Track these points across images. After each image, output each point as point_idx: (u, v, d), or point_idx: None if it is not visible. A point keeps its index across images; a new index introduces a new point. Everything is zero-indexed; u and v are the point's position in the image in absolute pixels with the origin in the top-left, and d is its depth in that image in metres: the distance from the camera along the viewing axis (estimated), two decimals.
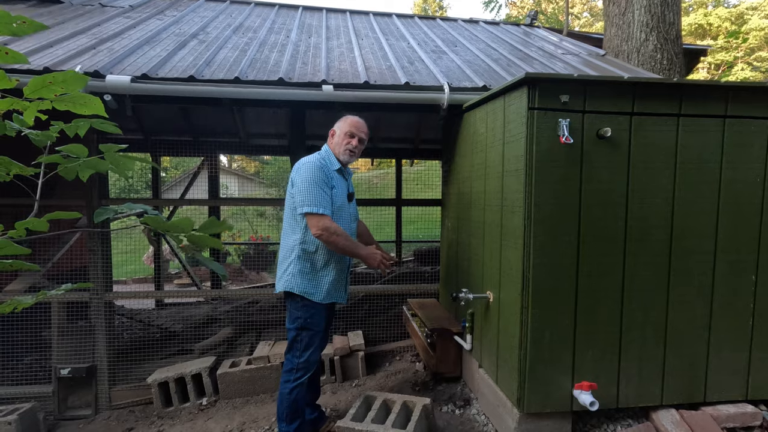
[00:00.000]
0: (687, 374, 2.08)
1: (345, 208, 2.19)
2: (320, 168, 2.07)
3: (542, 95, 1.86)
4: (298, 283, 2.09)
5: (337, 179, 2.17)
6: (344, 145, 2.19)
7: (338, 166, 2.19)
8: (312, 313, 2.12)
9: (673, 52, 4.58)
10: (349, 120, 2.24)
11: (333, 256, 2.14)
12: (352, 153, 2.21)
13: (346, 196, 2.22)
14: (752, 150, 2.03)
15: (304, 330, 2.12)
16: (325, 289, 2.13)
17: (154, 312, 5.29)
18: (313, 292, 2.11)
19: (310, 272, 2.11)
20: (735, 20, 24.15)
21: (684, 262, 2.02)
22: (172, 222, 1.45)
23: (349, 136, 2.20)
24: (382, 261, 2.09)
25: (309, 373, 2.15)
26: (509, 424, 2.06)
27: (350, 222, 2.23)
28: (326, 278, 2.13)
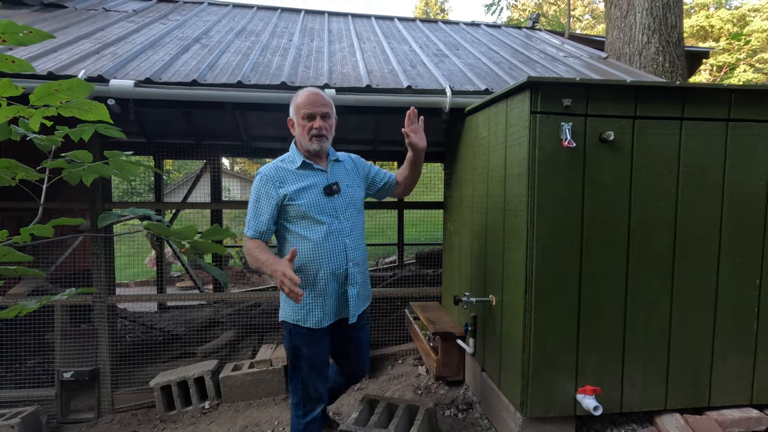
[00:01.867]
0: (691, 378, 2.07)
1: (322, 206, 1.79)
2: (264, 178, 1.77)
3: (544, 99, 1.86)
4: (283, 307, 1.85)
5: (303, 177, 1.80)
6: (306, 132, 1.78)
7: (301, 161, 1.81)
8: (301, 342, 1.81)
9: (675, 54, 4.58)
10: (300, 99, 1.81)
11: (312, 270, 1.79)
12: (320, 138, 1.78)
13: (322, 191, 1.80)
14: (755, 153, 2.02)
15: (296, 359, 1.84)
16: (309, 309, 1.79)
17: (156, 315, 5.30)
18: (296, 316, 1.81)
19: None
20: (737, 22, 24.11)
21: (687, 266, 2.02)
22: (176, 229, 1.46)
23: (306, 118, 1.78)
24: (281, 283, 1.53)
25: (319, 406, 1.88)
26: (512, 428, 2.06)
27: (337, 220, 1.82)
28: (309, 296, 1.80)
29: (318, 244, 1.77)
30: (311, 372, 1.83)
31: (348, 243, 1.84)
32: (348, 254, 1.84)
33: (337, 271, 1.82)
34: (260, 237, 1.76)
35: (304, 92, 1.83)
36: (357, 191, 1.95)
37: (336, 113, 2.01)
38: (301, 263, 1.77)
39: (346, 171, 1.94)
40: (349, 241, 1.84)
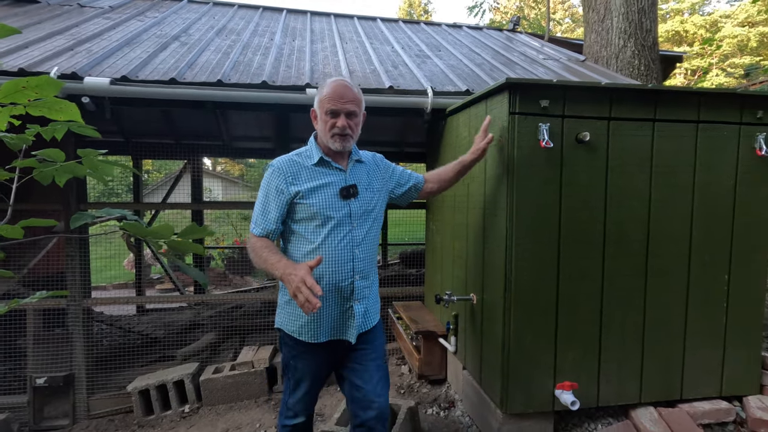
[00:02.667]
0: (664, 373, 2.13)
1: (335, 209, 1.60)
2: (275, 172, 1.60)
3: (523, 100, 1.90)
4: (279, 314, 1.71)
5: (319, 174, 1.62)
6: (328, 129, 1.60)
7: (318, 158, 1.63)
8: (295, 353, 1.67)
9: (650, 58, 4.71)
10: (326, 90, 1.61)
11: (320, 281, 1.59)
12: (343, 137, 1.59)
13: (338, 192, 1.62)
14: (724, 154, 2.10)
15: (288, 369, 1.72)
16: (305, 321, 1.61)
17: (135, 318, 5.18)
18: (291, 327, 1.65)
19: (289, 302, 1.65)
20: (710, 27, 24.97)
21: (660, 264, 2.08)
22: (152, 228, 1.43)
23: (330, 114, 1.59)
24: (297, 289, 1.32)
25: (299, 419, 1.73)
26: (493, 425, 2.08)
27: (349, 226, 1.63)
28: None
29: (324, 251, 1.58)
30: (299, 383, 1.68)
31: (357, 253, 1.64)
32: (355, 265, 1.63)
33: (342, 284, 1.61)
34: (268, 236, 1.60)
35: (331, 83, 1.62)
36: (376, 197, 1.73)
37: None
38: None
39: (367, 173, 1.73)
40: (359, 251, 1.64)
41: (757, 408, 2.13)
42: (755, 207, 2.13)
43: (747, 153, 2.10)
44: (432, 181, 1.96)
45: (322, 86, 1.65)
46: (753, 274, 2.17)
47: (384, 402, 1.68)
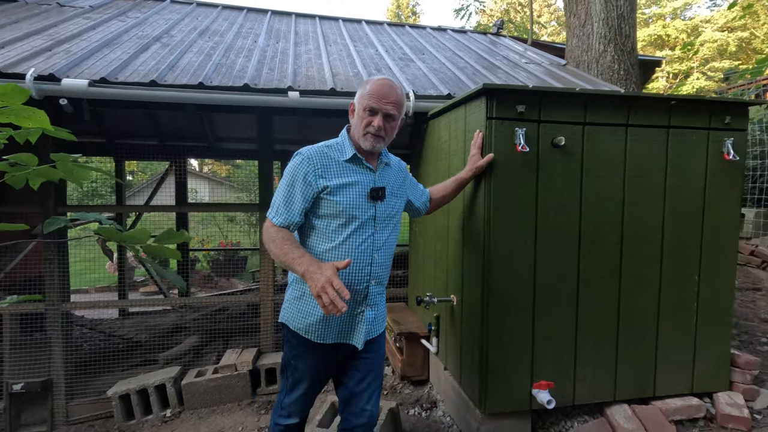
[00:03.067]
0: (638, 371, 2.19)
1: (362, 210, 1.55)
2: (305, 161, 1.52)
3: (500, 105, 1.94)
4: (286, 309, 1.66)
5: (350, 171, 1.56)
6: (363, 126, 1.55)
7: (351, 154, 1.56)
8: (297, 353, 1.63)
9: (629, 63, 4.81)
10: (369, 87, 1.55)
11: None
12: (376, 137, 1.55)
13: (367, 194, 1.57)
14: (694, 158, 2.17)
15: (287, 368, 1.67)
16: (315, 320, 1.57)
17: (117, 322, 5.11)
18: (298, 324, 1.60)
19: (299, 298, 1.61)
20: (691, 32, 25.57)
21: (634, 266, 2.13)
22: (128, 233, 1.43)
23: (368, 112, 1.54)
24: (323, 289, 1.26)
25: (293, 419, 1.69)
26: (472, 424, 2.12)
27: (372, 229, 1.58)
28: (317, 307, 1.54)
29: (346, 250, 1.54)
30: (297, 383, 1.64)
31: (376, 258, 1.60)
32: (373, 270, 1.59)
33: (357, 287, 1.57)
34: (288, 227, 1.51)
35: (376, 81, 1.57)
36: (398, 202, 1.72)
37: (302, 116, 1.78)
38: None
39: (394, 178, 1.71)
40: (378, 256, 1.60)
41: (726, 404, 2.20)
42: (723, 210, 2.21)
43: (715, 157, 2.17)
44: (434, 200, 1.99)
45: (365, 82, 1.60)
46: (722, 275, 2.24)
47: (375, 410, 1.70)
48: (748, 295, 3.55)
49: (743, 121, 2.21)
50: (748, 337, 2.92)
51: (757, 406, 2.26)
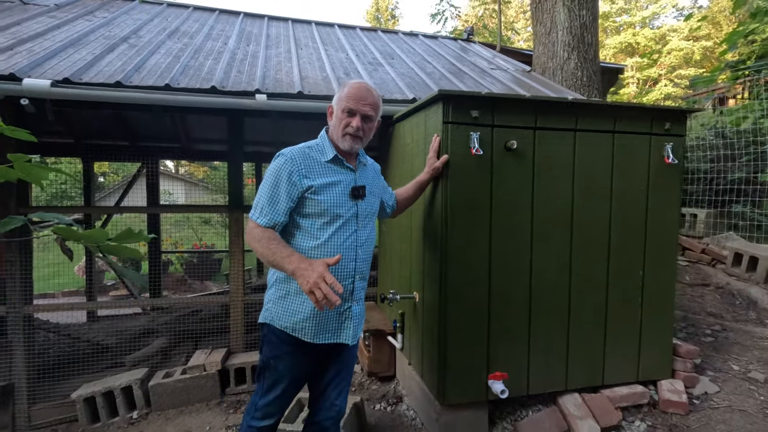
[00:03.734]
0: (588, 362, 2.32)
1: (345, 208, 1.62)
2: (289, 161, 1.55)
3: (455, 110, 2.04)
4: (270, 309, 1.65)
5: (331, 171, 1.62)
6: (341, 127, 1.61)
7: (332, 155, 1.62)
8: (278, 353, 1.62)
9: (592, 70, 5.04)
10: (347, 90, 1.63)
11: None
12: (354, 138, 1.61)
13: (349, 192, 1.63)
14: (637, 161, 2.32)
15: (266, 369, 1.65)
16: (303, 317, 1.58)
17: (84, 326, 5.00)
18: (285, 322, 1.60)
19: (285, 297, 1.62)
20: (659, 40, 26.66)
21: (582, 260, 2.27)
22: (85, 232, 1.47)
23: (347, 113, 1.60)
24: (316, 285, 1.29)
25: (267, 421, 1.67)
26: (432, 416, 2.21)
27: (355, 226, 1.65)
28: (304, 304, 1.58)
29: (332, 247, 1.58)
30: (275, 386, 1.63)
31: (360, 254, 1.66)
32: (357, 265, 1.65)
33: (343, 283, 1.61)
34: (273, 227, 1.55)
35: (353, 84, 1.65)
36: (376, 201, 1.80)
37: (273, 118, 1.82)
38: None
39: (371, 177, 1.78)
40: (361, 252, 1.66)
41: (668, 390, 2.35)
42: (664, 209, 2.37)
43: (657, 160, 2.33)
44: (399, 203, 2.09)
45: (343, 86, 1.67)
46: (664, 271, 2.40)
47: (344, 405, 1.77)
48: (698, 291, 3.77)
49: (682, 127, 2.38)
50: (695, 329, 3.11)
51: (696, 391, 2.42)
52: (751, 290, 3.59)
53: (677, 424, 2.20)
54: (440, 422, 2.14)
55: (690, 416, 2.25)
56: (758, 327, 3.06)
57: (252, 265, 7.05)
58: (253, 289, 5.24)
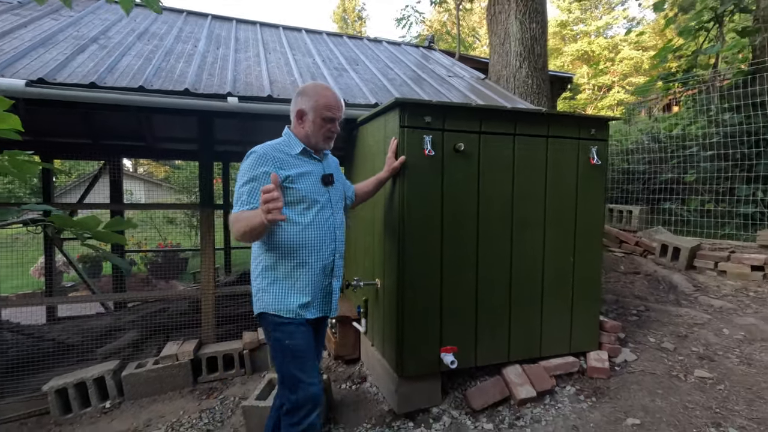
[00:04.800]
0: (527, 337, 2.66)
1: (320, 193, 1.81)
2: (263, 157, 1.70)
3: (410, 116, 2.31)
4: (262, 298, 1.77)
5: (302, 163, 1.80)
6: (323, 133, 1.83)
7: (301, 148, 1.81)
8: (291, 330, 1.73)
9: (541, 79, 5.48)
10: (322, 100, 1.81)
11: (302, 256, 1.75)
12: (331, 140, 1.88)
13: (320, 180, 1.83)
14: (568, 162, 2.68)
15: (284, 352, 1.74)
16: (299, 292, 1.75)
17: (45, 327, 4.93)
18: (279, 306, 1.74)
19: (273, 283, 1.75)
20: (612, 49, 28.34)
21: (522, 249, 2.60)
22: (79, 219, 1.65)
23: (328, 121, 1.82)
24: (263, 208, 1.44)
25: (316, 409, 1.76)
26: (392, 388, 2.47)
27: (331, 210, 1.85)
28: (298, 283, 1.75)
29: (314, 230, 1.77)
30: (303, 367, 1.73)
31: (338, 234, 1.87)
32: (337, 245, 1.86)
33: (326, 261, 1.81)
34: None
35: (325, 93, 1.84)
36: (341, 188, 2.02)
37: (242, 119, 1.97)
38: (292, 249, 1.74)
39: (333, 167, 2.00)
40: (339, 233, 1.88)
41: (594, 360, 2.73)
42: (591, 204, 2.74)
43: (584, 161, 2.71)
44: (358, 195, 2.29)
45: (314, 93, 1.83)
46: (591, 256, 2.78)
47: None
48: (629, 278, 4.25)
49: (605, 133, 2.76)
50: (624, 309, 3.55)
51: (618, 360, 2.82)
52: (673, 276, 4.10)
53: (600, 387, 2.57)
54: (399, 393, 2.41)
55: (611, 380, 2.63)
56: (675, 307, 3.53)
57: (220, 263, 7.10)
58: (226, 283, 5.33)
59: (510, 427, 2.31)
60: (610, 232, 5.14)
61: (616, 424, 2.22)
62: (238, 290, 3.76)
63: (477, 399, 2.46)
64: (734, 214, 4.89)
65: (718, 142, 5.09)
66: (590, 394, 2.52)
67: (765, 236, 4.01)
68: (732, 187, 5.01)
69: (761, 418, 2.16)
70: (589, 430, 2.20)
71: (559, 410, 2.40)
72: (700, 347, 2.88)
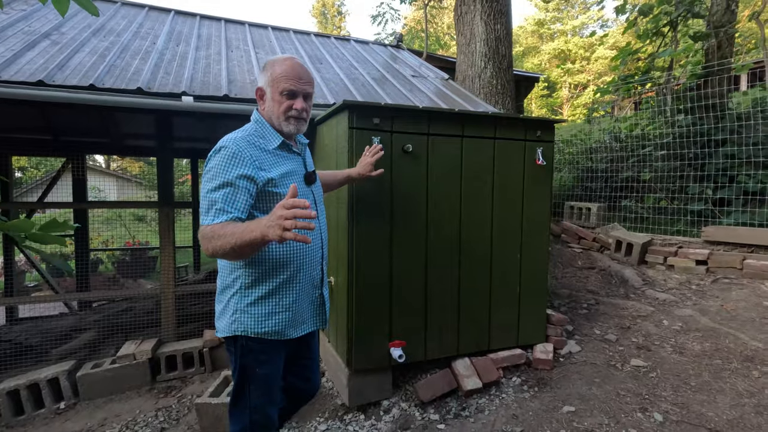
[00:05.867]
0: (476, 331, 2.76)
1: (305, 195, 1.56)
2: (238, 155, 1.38)
3: (359, 118, 2.37)
4: (240, 319, 1.48)
5: (282, 160, 1.51)
6: (282, 110, 1.48)
7: (280, 141, 1.51)
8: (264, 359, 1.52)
9: (505, 79, 5.61)
10: (280, 69, 1.49)
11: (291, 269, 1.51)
12: (299, 120, 1.52)
13: (303, 179, 1.57)
14: (514, 163, 2.79)
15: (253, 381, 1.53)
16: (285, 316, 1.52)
17: (4, 327, 4.82)
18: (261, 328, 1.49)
19: (256, 302, 1.48)
20: (587, 48, 29.01)
21: (470, 245, 2.70)
22: (11, 222, 1.66)
23: (287, 95, 1.48)
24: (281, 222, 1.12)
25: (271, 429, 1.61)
26: (344, 381, 2.54)
27: (317, 213, 1.56)
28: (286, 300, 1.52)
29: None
30: (267, 394, 1.54)
31: (324, 239, 1.64)
32: (323, 252, 1.65)
33: (313, 272, 1.59)
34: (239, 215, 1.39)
35: (286, 61, 1.51)
36: (320, 184, 1.75)
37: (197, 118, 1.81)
38: (278, 263, 1.48)
39: (311, 158, 1.71)
40: (324, 237, 1.65)
41: (540, 352, 2.86)
42: (536, 202, 2.86)
43: (530, 162, 2.82)
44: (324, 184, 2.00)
45: (272, 64, 1.52)
46: (538, 253, 2.90)
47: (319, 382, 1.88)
48: (585, 273, 4.43)
49: (551, 135, 2.88)
50: (575, 303, 3.70)
51: (563, 351, 2.96)
52: (625, 271, 4.28)
53: (543, 378, 2.70)
54: (350, 386, 2.48)
55: (554, 370, 2.76)
56: (623, 300, 3.71)
57: (188, 261, 7.03)
58: (190, 284, 5.30)
59: (455, 417, 2.41)
60: (570, 228, 5.32)
61: (553, 411, 2.34)
62: (199, 288, 3.76)
63: (426, 391, 2.55)
64: (686, 212, 5.13)
65: (672, 142, 5.32)
66: (533, 384, 2.65)
67: (709, 232, 4.23)
68: (684, 185, 5.25)
69: (684, 402, 2.31)
70: (528, 417, 2.32)
71: (502, 400, 2.51)
72: (639, 338, 3.04)
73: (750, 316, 3.15)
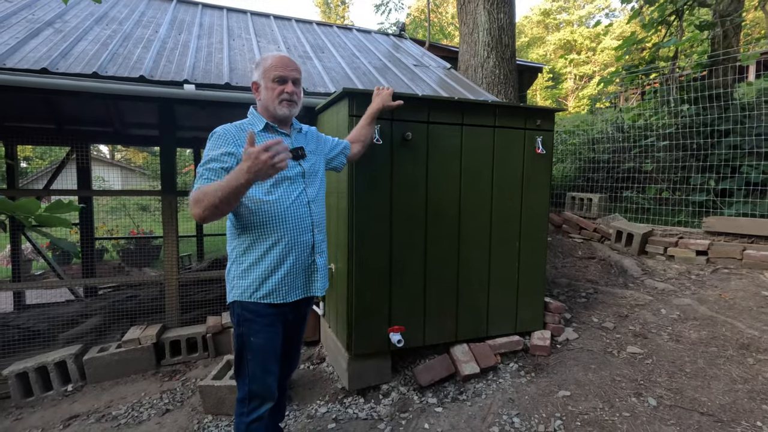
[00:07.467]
0: (474, 317, 2.80)
1: (291, 168, 1.70)
2: (224, 137, 1.60)
3: (359, 105, 2.39)
4: (237, 285, 1.66)
5: (267, 139, 1.67)
6: (275, 95, 1.68)
7: (263, 124, 1.70)
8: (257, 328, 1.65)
9: (508, 69, 5.59)
10: (270, 61, 1.70)
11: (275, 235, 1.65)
12: (290, 102, 1.70)
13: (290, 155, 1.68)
14: (514, 151, 2.80)
15: (247, 350, 1.67)
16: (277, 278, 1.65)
17: (12, 314, 4.91)
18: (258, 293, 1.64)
19: (250, 267, 1.65)
20: (593, 39, 28.67)
21: (469, 233, 2.72)
22: (18, 202, 1.70)
23: (278, 81, 1.68)
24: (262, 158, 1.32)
25: (267, 404, 1.72)
26: (344, 366, 2.59)
27: (303, 184, 1.74)
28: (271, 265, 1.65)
29: (284, 208, 1.66)
30: (262, 364, 1.67)
31: (313, 208, 1.76)
32: (313, 219, 1.76)
33: (303, 237, 1.71)
34: None
35: (274, 56, 1.74)
36: (319, 161, 1.90)
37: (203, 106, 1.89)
38: (264, 228, 1.64)
39: (308, 141, 1.88)
40: (314, 206, 1.77)
41: (537, 338, 2.90)
42: (536, 190, 2.88)
43: (530, 151, 2.83)
44: (355, 142, 2.16)
45: (263, 60, 1.73)
46: (537, 240, 2.92)
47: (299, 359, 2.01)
48: (585, 263, 4.45)
49: (551, 124, 2.88)
50: (574, 292, 3.73)
51: (560, 338, 2.99)
52: (624, 261, 4.30)
53: (540, 363, 2.74)
54: (350, 370, 2.53)
55: (551, 357, 2.80)
56: (622, 289, 3.73)
57: (192, 251, 7.10)
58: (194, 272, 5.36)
59: (453, 401, 2.46)
60: (571, 219, 5.33)
61: (548, 396, 2.39)
62: (202, 276, 3.82)
63: (424, 375, 2.60)
64: (687, 202, 5.12)
65: (676, 133, 5.30)
66: (530, 370, 2.69)
67: (710, 223, 4.23)
68: (687, 176, 5.24)
69: (678, 388, 2.35)
70: (524, 401, 2.36)
71: (499, 385, 2.56)
72: (637, 326, 3.07)
73: (748, 305, 3.17)
